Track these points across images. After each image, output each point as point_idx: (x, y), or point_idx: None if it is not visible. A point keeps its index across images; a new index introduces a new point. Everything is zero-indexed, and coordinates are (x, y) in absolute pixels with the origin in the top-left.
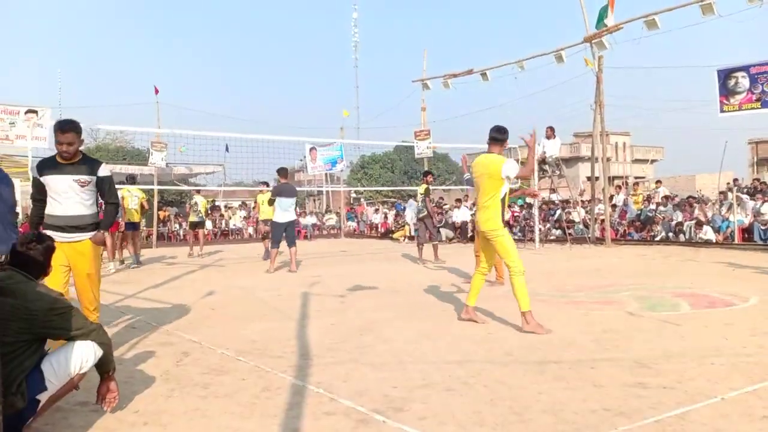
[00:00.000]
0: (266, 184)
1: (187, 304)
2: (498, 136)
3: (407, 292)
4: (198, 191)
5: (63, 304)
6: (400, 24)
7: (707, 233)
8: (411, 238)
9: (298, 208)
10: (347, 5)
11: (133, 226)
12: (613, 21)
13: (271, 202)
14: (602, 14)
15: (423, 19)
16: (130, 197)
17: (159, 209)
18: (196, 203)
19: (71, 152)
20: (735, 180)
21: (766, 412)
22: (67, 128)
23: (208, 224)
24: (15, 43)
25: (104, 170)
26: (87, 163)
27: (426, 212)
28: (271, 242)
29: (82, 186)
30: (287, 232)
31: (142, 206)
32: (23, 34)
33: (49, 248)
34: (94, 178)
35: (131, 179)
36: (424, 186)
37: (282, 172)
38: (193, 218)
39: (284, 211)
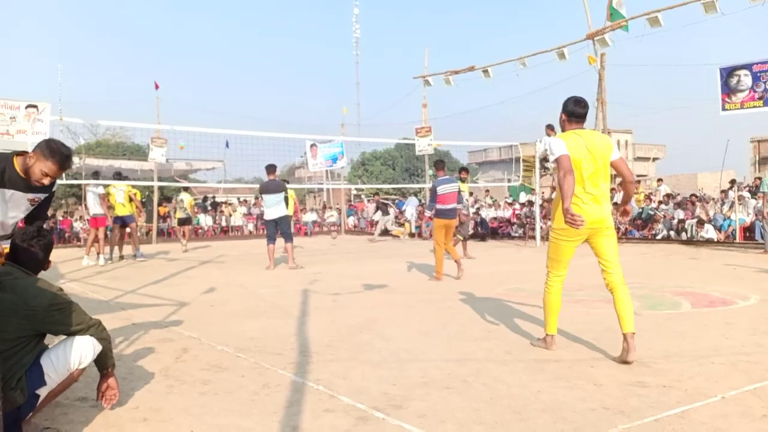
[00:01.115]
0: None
1: (187, 301)
2: (583, 111)
3: (406, 290)
4: (186, 189)
5: (63, 300)
6: (401, 20)
7: (708, 232)
8: (412, 235)
9: (297, 204)
10: (348, 2)
11: (122, 220)
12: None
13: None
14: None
15: (424, 16)
16: (117, 192)
17: (159, 205)
18: (182, 200)
19: (47, 184)
20: (733, 181)
21: (766, 412)
22: (67, 165)
23: (209, 220)
24: (15, 39)
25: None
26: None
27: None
28: (267, 238)
29: (32, 204)
30: (280, 228)
31: (130, 198)
32: (23, 29)
33: (50, 244)
34: (47, 194)
35: (118, 175)
36: (466, 185)
37: (268, 168)
38: (180, 215)
39: (270, 207)
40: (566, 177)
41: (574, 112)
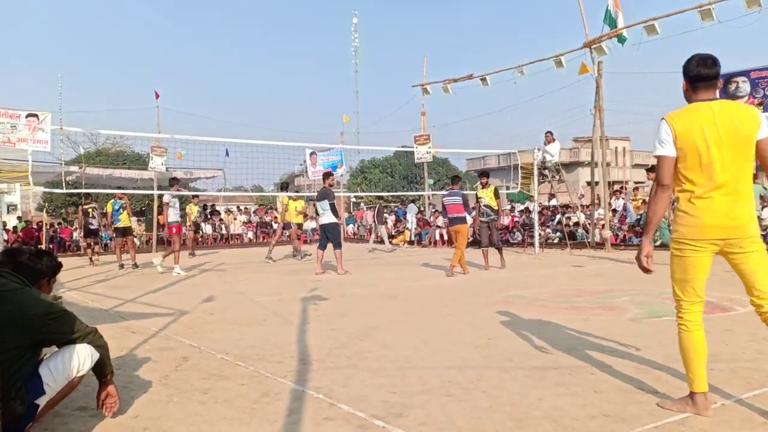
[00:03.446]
0: (285, 187)
1: (187, 309)
2: (712, 72)
3: (406, 297)
4: (195, 196)
5: (58, 309)
6: (400, 29)
7: None
8: (411, 243)
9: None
10: (347, 10)
11: (122, 231)
12: (622, 22)
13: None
14: (609, 16)
15: (423, 25)
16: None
17: (159, 213)
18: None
19: None
20: None
21: (766, 418)
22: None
23: (209, 228)
24: (15, 48)
25: None
26: None
27: (493, 215)
28: (318, 243)
29: None
30: (328, 234)
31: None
32: (24, 38)
33: (57, 266)
34: None
35: (174, 179)
36: (493, 187)
37: (324, 176)
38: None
39: (320, 214)
40: (656, 195)
41: (700, 74)
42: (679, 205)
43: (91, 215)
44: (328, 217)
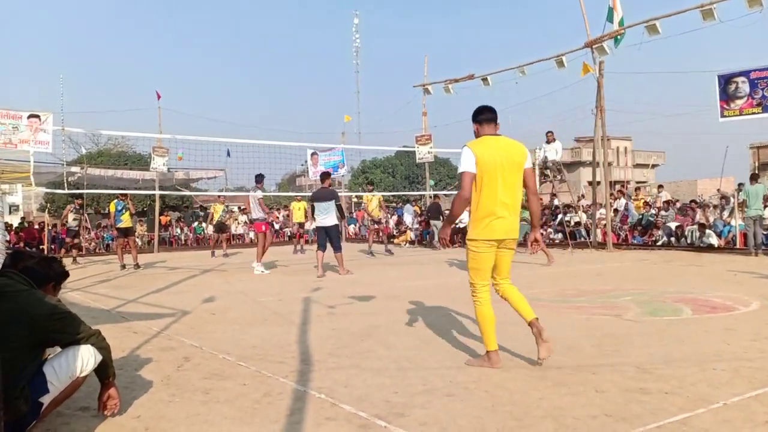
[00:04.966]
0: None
1: (188, 309)
2: (493, 115)
3: (408, 297)
4: (219, 197)
5: (63, 310)
6: (401, 29)
7: (710, 237)
8: (412, 242)
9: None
10: (348, 11)
11: (124, 232)
12: (621, 12)
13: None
14: (611, 14)
15: (424, 25)
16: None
17: (160, 214)
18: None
19: None
20: (718, 190)
21: None
22: None
23: (210, 229)
24: (17, 49)
25: None
26: None
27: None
28: (317, 245)
29: None
30: (330, 236)
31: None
32: (25, 39)
33: (65, 274)
34: None
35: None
36: None
37: (322, 176)
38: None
39: (321, 215)
40: (460, 201)
41: (485, 117)
42: (476, 213)
43: (73, 216)
44: (331, 219)
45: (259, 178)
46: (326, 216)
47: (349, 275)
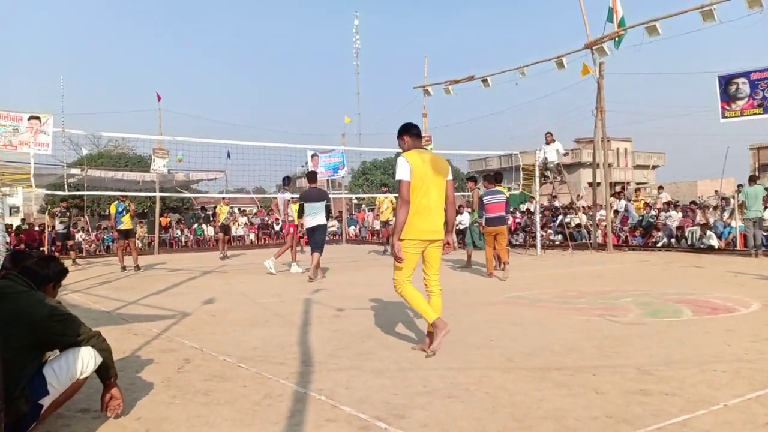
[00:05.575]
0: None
1: (188, 311)
2: (419, 130)
3: None
4: (223, 199)
5: (63, 311)
6: (401, 31)
7: (710, 238)
8: None
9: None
10: (349, 12)
11: (125, 233)
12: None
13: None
14: (612, 15)
15: (424, 26)
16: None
17: (160, 215)
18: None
19: None
20: (716, 192)
21: None
22: None
23: (211, 230)
24: (17, 49)
25: None
26: None
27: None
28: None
29: None
30: (315, 236)
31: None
32: (25, 39)
33: (64, 271)
34: None
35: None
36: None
37: (309, 176)
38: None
39: (309, 216)
40: (402, 208)
41: (413, 132)
42: (409, 217)
43: (59, 220)
44: (321, 219)
45: (287, 181)
46: (315, 216)
47: (324, 280)
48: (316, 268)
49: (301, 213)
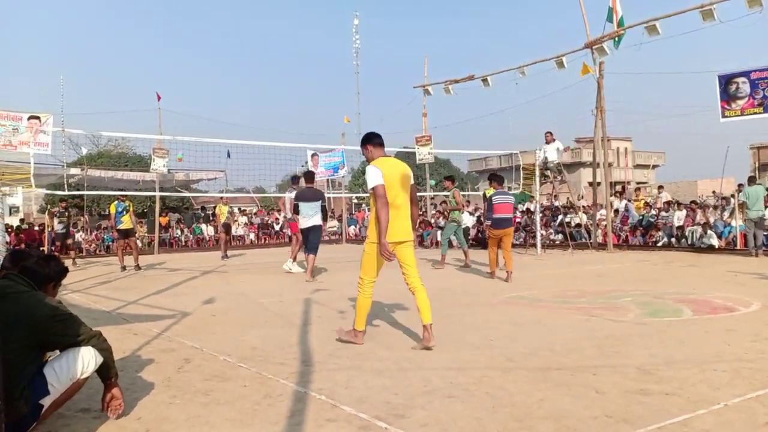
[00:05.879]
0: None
1: (189, 311)
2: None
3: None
4: (222, 198)
5: (63, 311)
6: (401, 30)
7: (711, 238)
8: None
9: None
10: (348, 12)
11: (125, 233)
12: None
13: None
14: (611, 14)
15: (424, 26)
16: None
17: (160, 215)
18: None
19: None
20: (714, 192)
21: None
22: None
23: (211, 230)
24: (17, 49)
25: None
26: None
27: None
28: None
29: None
30: (310, 237)
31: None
32: (25, 39)
33: (64, 270)
34: None
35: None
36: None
37: (306, 176)
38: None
39: (304, 216)
40: (383, 209)
41: (377, 142)
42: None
43: (58, 220)
44: (316, 219)
45: (295, 179)
46: (311, 218)
47: (316, 282)
48: (312, 270)
49: (296, 212)
